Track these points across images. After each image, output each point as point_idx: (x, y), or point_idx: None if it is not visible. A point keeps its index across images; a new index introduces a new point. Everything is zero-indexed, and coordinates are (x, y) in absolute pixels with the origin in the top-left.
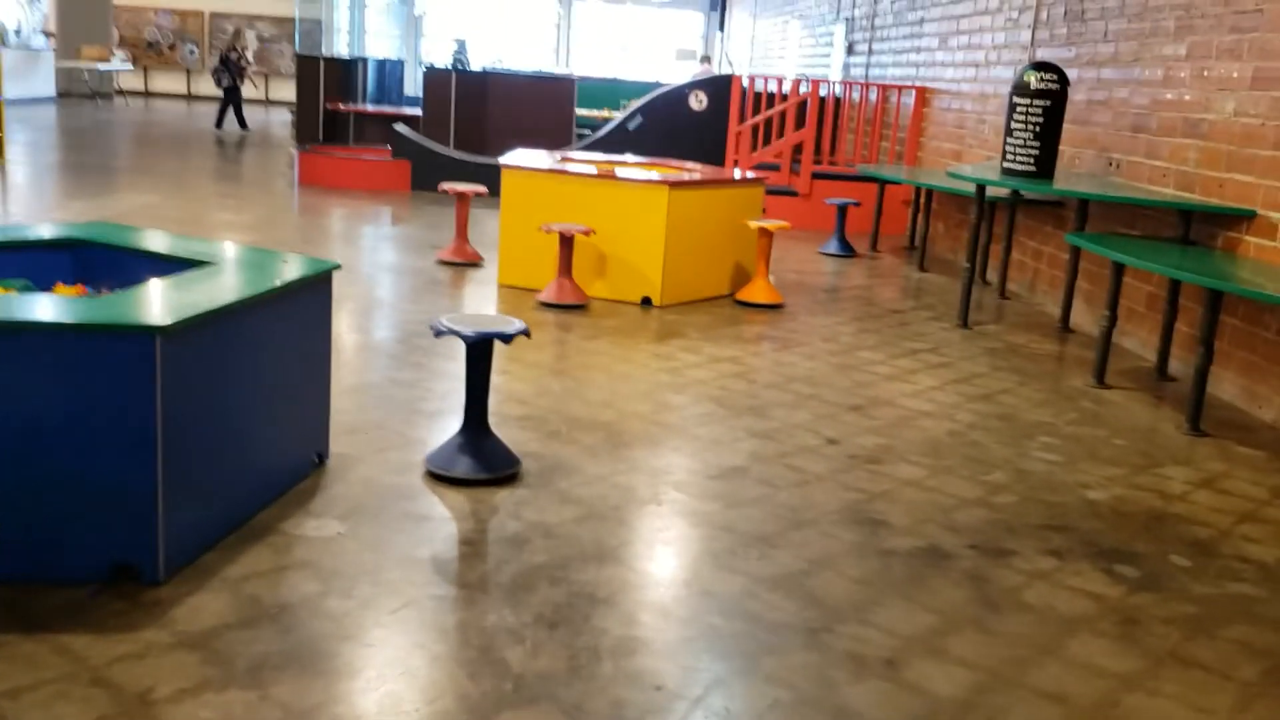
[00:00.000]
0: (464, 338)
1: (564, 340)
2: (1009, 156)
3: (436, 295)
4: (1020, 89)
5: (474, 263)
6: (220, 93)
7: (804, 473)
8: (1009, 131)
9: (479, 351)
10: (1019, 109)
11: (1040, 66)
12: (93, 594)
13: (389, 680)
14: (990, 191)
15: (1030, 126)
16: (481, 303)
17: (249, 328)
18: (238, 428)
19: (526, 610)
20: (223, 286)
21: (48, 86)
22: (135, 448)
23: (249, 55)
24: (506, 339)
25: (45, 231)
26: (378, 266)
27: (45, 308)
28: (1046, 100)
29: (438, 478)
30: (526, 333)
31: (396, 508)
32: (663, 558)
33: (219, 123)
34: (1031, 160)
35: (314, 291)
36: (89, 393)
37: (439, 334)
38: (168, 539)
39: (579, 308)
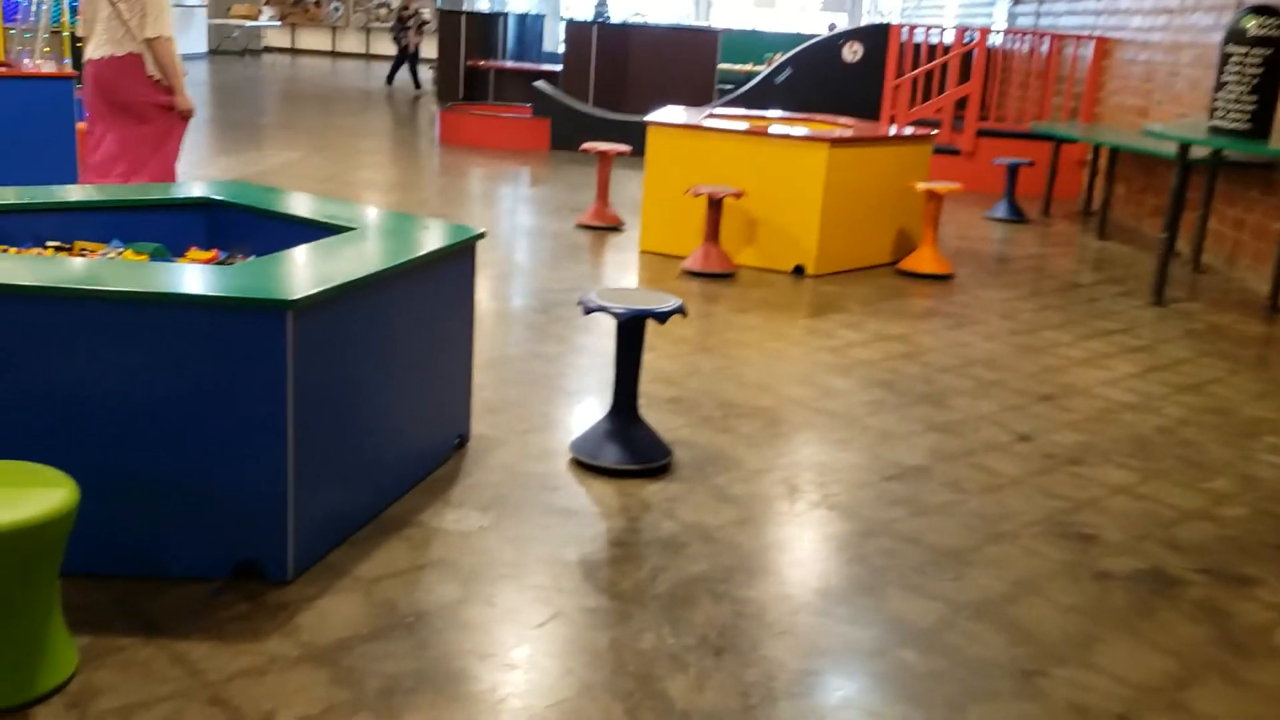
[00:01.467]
0: (616, 315)
1: (711, 313)
2: (1219, 113)
3: (576, 261)
4: (1235, 36)
5: (614, 227)
6: (395, 50)
7: (995, 474)
8: (1220, 85)
9: (631, 331)
10: (1233, 59)
11: (1260, 10)
12: (214, 593)
13: (534, 712)
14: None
15: (1246, 79)
16: (622, 270)
17: (388, 301)
18: (375, 410)
19: (688, 631)
20: (361, 256)
21: (200, 43)
22: (264, 432)
23: (424, 14)
24: (662, 318)
25: (181, 191)
26: (516, 230)
27: (168, 277)
28: (1267, 48)
29: (584, 466)
30: (682, 311)
31: (540, 500)
32: (841, 574)
33: (390, 79)
34: (1247, 117)
35: (457, 261)
36: (213, 372)
37: (589, 311)
38: (297, 534)
39: (726, 277)
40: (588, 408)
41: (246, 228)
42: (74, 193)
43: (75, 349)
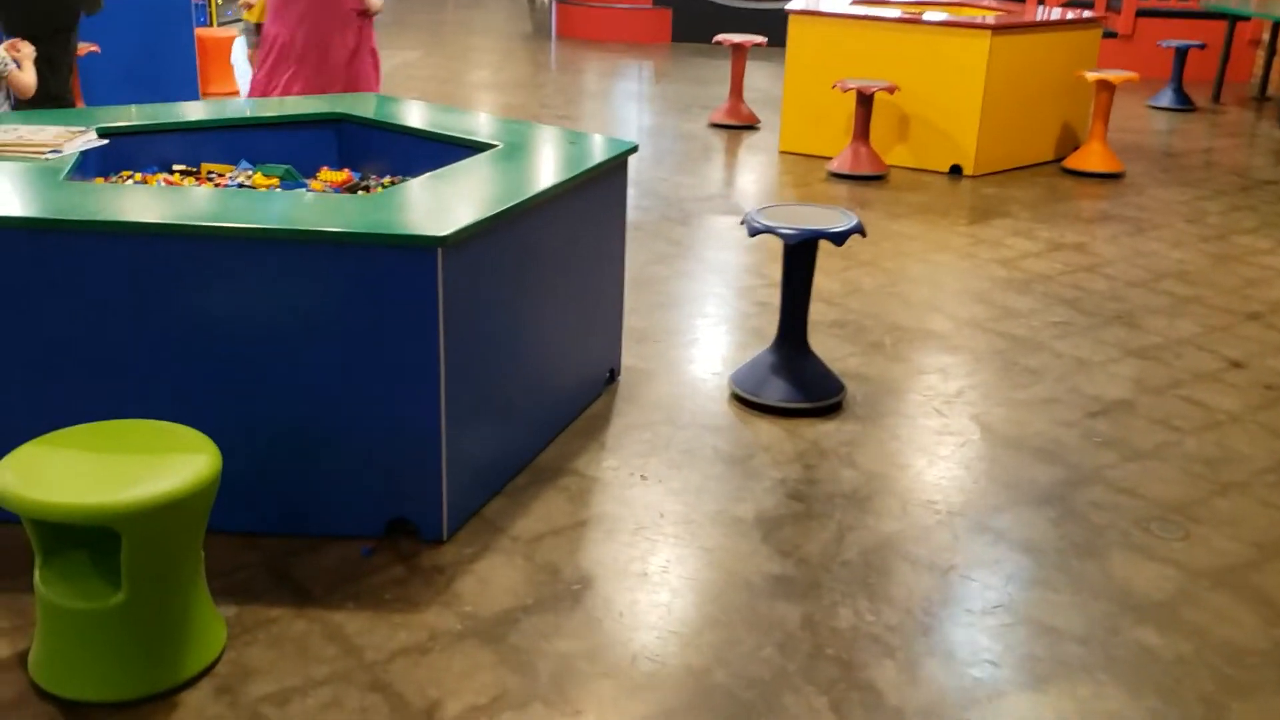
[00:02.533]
0: (784, 237)
1: (865, 221)
2: None
3: (711, 165)
4: None
5: (750, 125)
6: None
7: (1211, 410)
8: None
9: (801, 255)
10: None
11: None
12: (366, 553)
13: (731, 707)
14: None
15: None
16: (762, 173)
17: (539, 229)
18: (527, 347)
19: (888, 605)
20: (509, 179)
21: None
22: (414, 378)
23: None
24: (838, 239)
25: (309, 106)
26: (643, 131)
27: (305, 211)
28: None
29: (746, 403)
30: (860, 230)
31: (704, 444)
32: (1054, 534)
33: None
34: None
35: (609, 180)
36: (359, 315)
37: (755, 232)
38: (450, 487)
39: (877, 179)
40: (745, 335)
41: (378, 145)
42: (198, 111)
43: (211, 291)
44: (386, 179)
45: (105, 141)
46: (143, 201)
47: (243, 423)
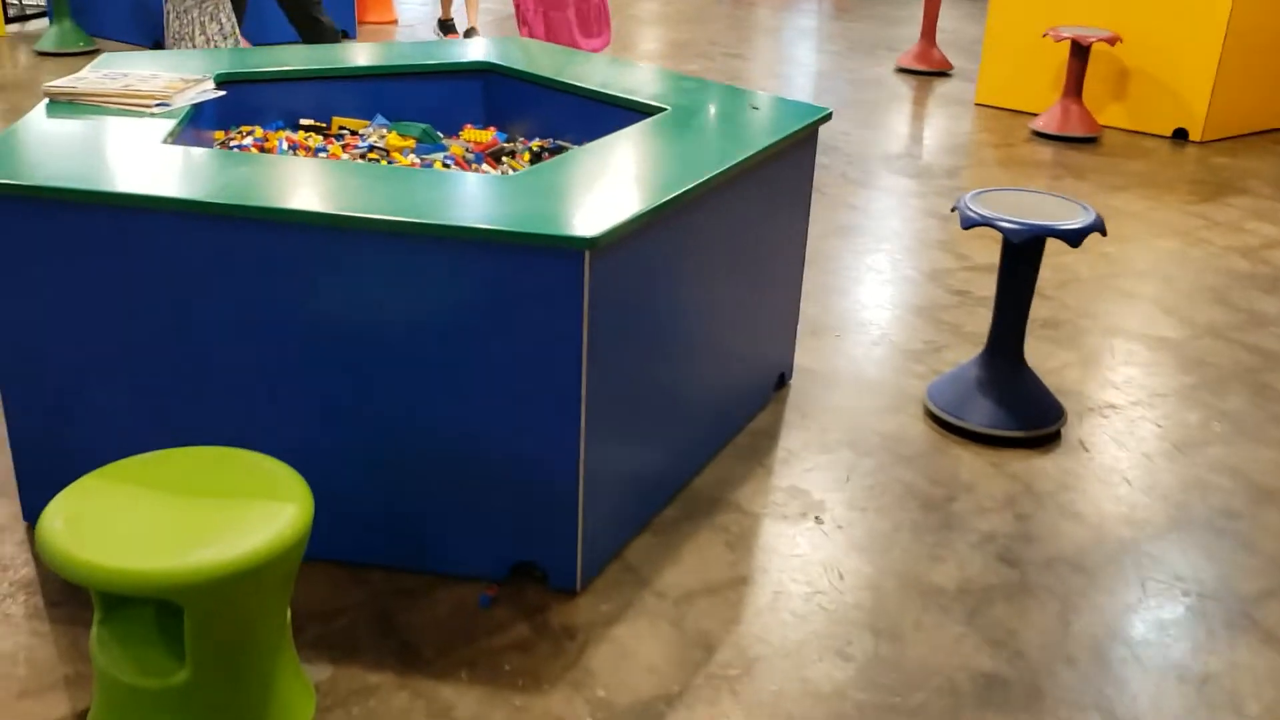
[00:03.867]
0: (1006, 232)
1: (1076, 191)
2: None
3: (897, 116)
4: None
5: (942, 71)
6: None
7: None
8: None
9: (1025, 254)
10: None
11: None
12: (485, 603)
13: None
14: None
15: None
16: (956, 128)
17: (708, 217)
18: (686, 355)
19: None
20: (674, 157)
21: None
22: (549, 399)
23: None
24: (1074, 238)
25: (455, 55)
26: (820, 74)
27: (419, 189)
28: None
29: (945, 425)
30: (1100, 229)
31: (893, 477)
32: None
33: None
34: None
35: (795, 154)
36: (488, 323)
37: (970, 224)
38: (589, 528)
39: (1088, 141)
40: (940, 331)
41: (529, 101)
42: (331, 57)
43: (312, 289)
44: (535, 141)
45: (222, 93)
46: (234, 176)
47: (350, 441)
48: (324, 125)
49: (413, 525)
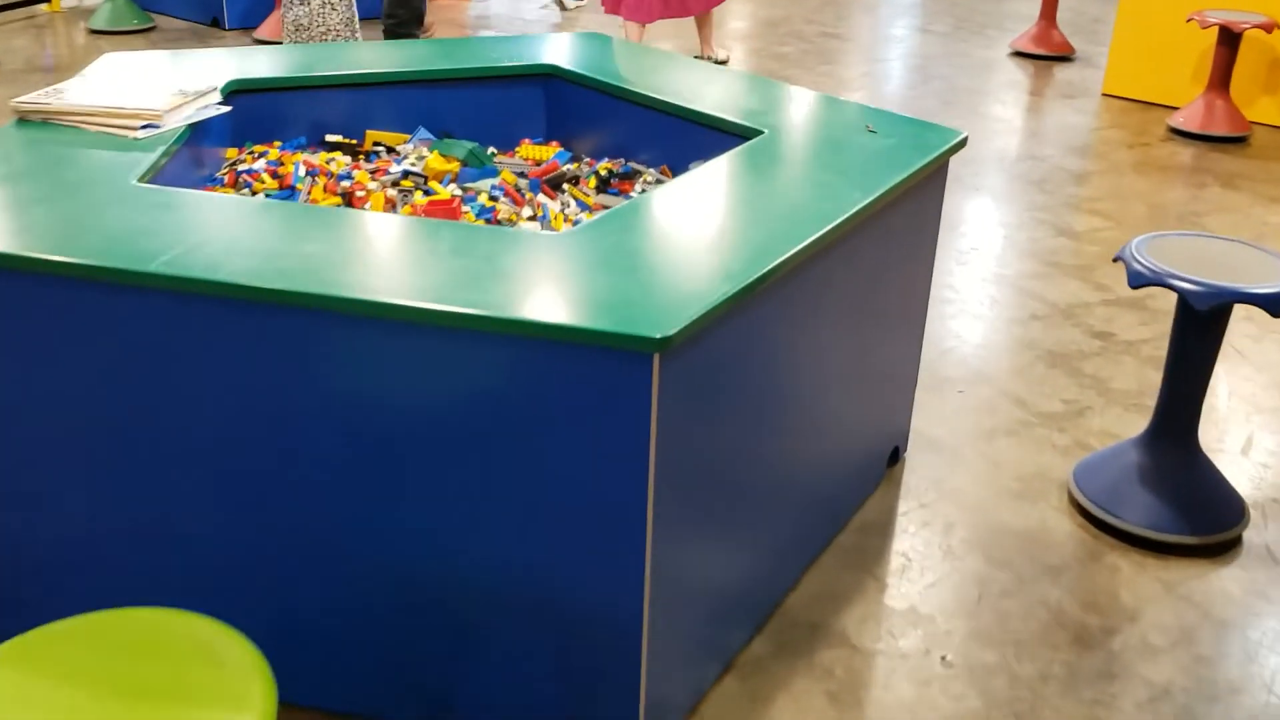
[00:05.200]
0: (1188, 295)
1: (1225, 203)
2: None
3: (1012, 106)
4: None
5: (1064, 56)
6: None
7: None
8: None
9: (1209, 322)
10: None
11: None
12: None
13: None
14: None
15: None
16: (1079, 121)
17: (812, 281)
18: (779, 449)
19: None
20: (771, 206)
21: None
22: (607, 531)
23: None
24: (1274, 305)
25: (515, 55)
26: (926, 58)
27: (441, 258)
28: None
29: (1096, 521)
30: None
31: (1035, 598)
32: None
33: None
34: None
35: (922, 191)
36: (529, 434)
37: (1140, 282)
38: (654, 683)
39: (1235, 141)
40: (1083, 387)
41: (598, 111)
42: (369, 59)
43: (293, 389)
44: (604, 163)
45: (226, 109)
46: (201, 239)
47: (357, 571)
48: (354, 142)
49: (433, 675)
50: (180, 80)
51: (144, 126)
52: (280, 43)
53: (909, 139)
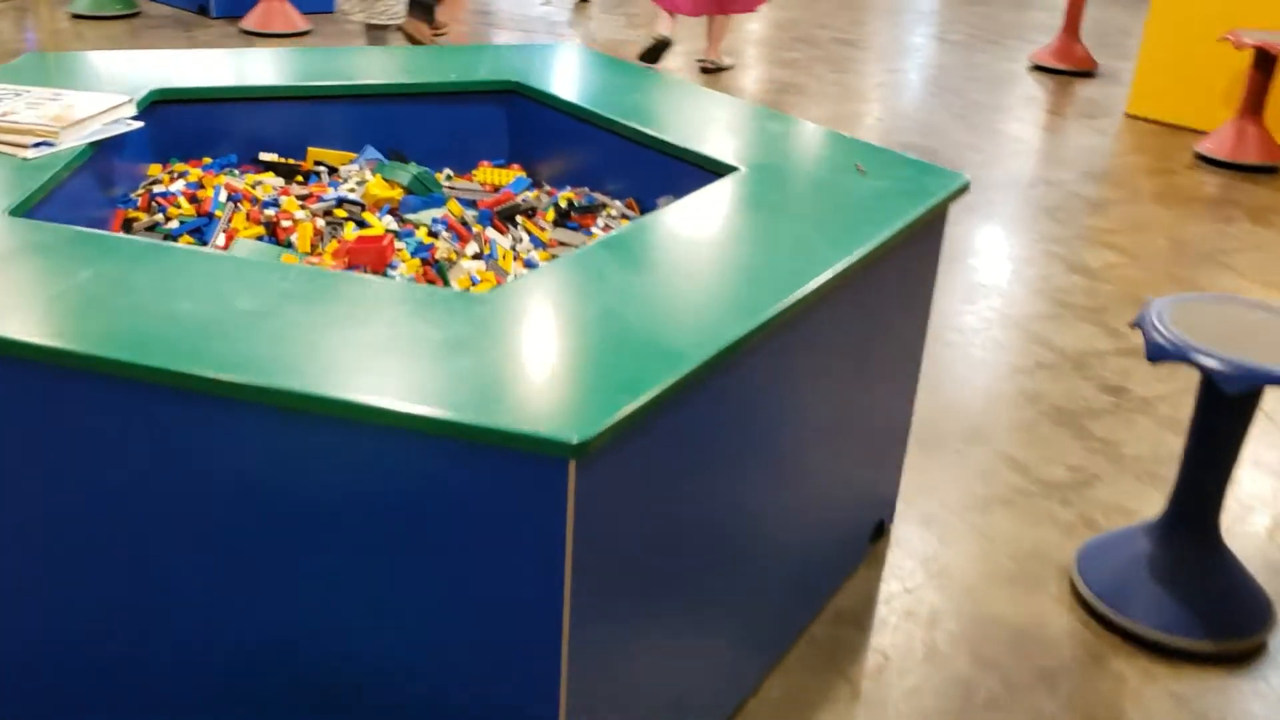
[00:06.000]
0: (1215, 376)
1: (1258, 241)
2: None
3: (1029, 125)
4: None
5: (1086, 71)
6: None
7: None
8: None
9: (1237, 404)
10: None
11: None
12: None
13: None
14: None
15: None
16: (1100, 144)
17: (785, 350)
18: (740, 539)
19: None
20: (743, 258)
21: None
22: (518, 642)
23: None
24: None
25: (475, 68)
26: (940, 69)
27: (340, 325)
28: None
29: (1101, 619)
30: None
31: (1032, 712)
32: None
33: None
34: None
35: (916, 243)
36: (425, 544)
37: (1159, 354)
38: None
39: (1268, 171)
40: (1090, 452)
41: (563, 134)
42: (317, 69)
43: (147, 480)
44: (565, 192)
45: (138, 125)
46: (76, 281)
47: (231, 677)
48: (292, 161)
49: None
50: (98, 88)
51: (36, 144)
52: (267, 35)
53: (903, 183)
